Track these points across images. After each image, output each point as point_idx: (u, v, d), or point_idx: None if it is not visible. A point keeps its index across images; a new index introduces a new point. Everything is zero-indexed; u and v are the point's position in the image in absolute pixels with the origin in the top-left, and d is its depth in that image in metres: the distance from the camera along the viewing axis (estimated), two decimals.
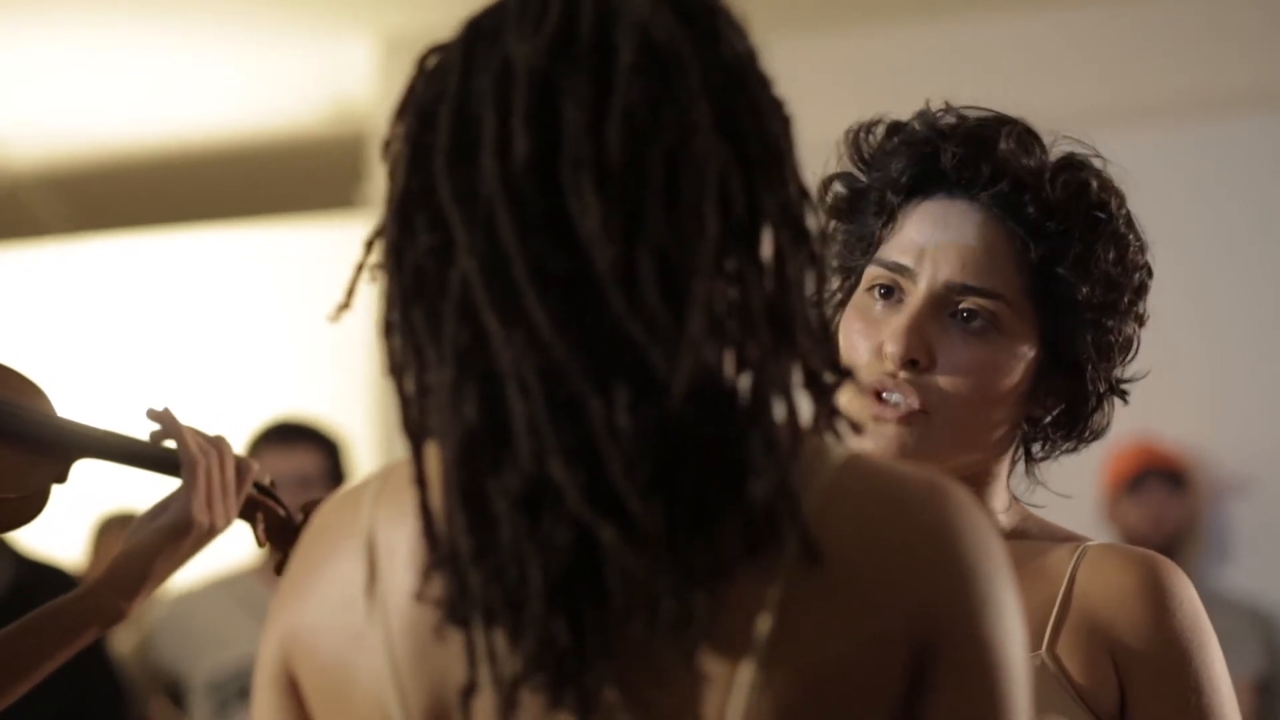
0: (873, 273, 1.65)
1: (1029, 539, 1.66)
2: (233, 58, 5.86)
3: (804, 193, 1.13)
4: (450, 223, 1.09)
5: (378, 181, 5.69)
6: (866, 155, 1.70)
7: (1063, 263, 1.62)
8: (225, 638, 4.04)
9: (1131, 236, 1.66)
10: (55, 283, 6.72)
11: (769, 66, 1.14)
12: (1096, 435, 1.69)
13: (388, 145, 1.14)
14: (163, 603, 4.32)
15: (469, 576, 1.08)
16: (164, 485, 1.90)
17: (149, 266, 6.70)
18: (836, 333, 1.64)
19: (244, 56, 5.85)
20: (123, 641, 4.41)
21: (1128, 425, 4.68)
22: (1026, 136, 1.65)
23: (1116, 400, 1.69)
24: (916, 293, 1.62)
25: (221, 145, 6.58)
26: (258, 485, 1.96)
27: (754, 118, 1.11)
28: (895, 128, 1.69)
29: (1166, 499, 4.69)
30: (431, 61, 1.14)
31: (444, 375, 1.09)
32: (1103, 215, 1.64)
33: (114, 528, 4.68)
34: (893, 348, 1.60)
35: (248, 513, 1.94)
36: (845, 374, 1.13)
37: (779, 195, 1.12)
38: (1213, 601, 1.76)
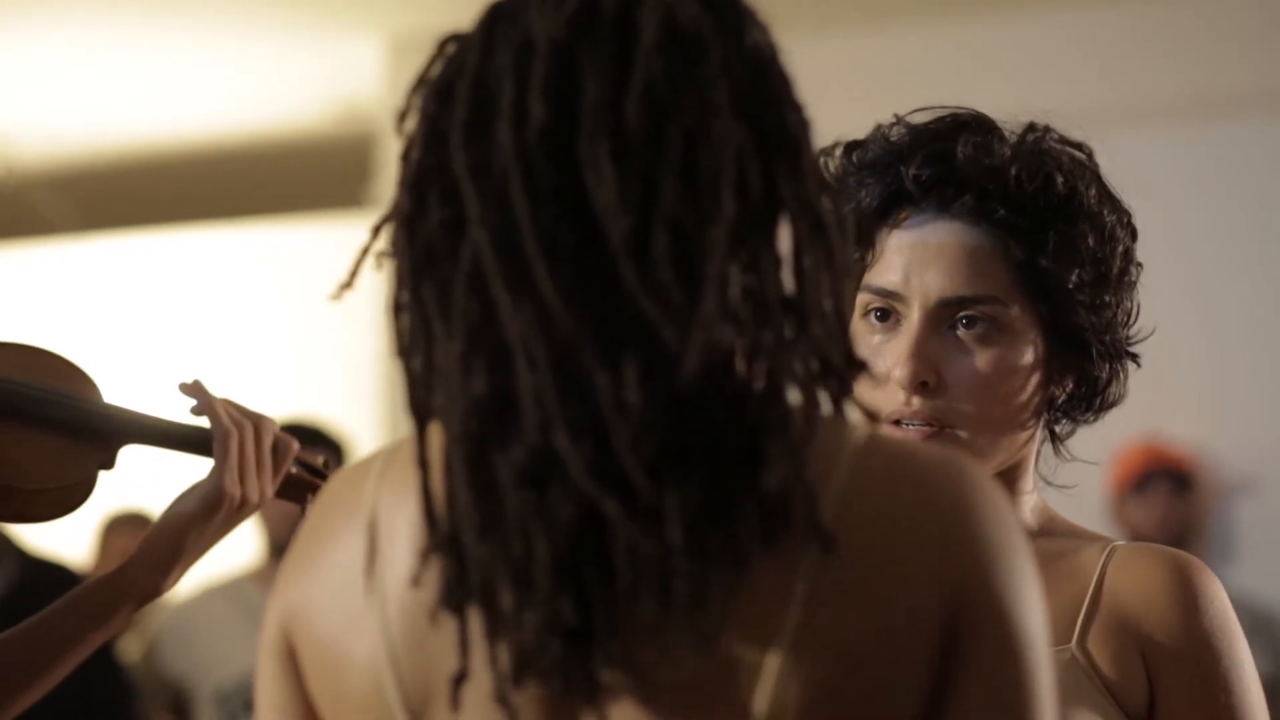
0: (863, 299, 1.65)
1: (1056, 537, 1.66)
2: (239, 57, 5.87)
3: (823, 185, 1.13)
4: (463, 196, 1.09)
5: (385, 181, 5.71)
6: (830, 181, 1.69)
7: (1044, 255, 1.62)
8: (228, 649, 4.03)
9: (1106, 211, 1.65)
10: (62, 282, 6.73)
11: (790, 66, 1.14)
12: (1114, 403, 1.68)
13: (402, 120, 1.14)
14: (162, 613, 4.32)
15: (471, 554, 1.08)
16: (183, 477, 1.89)
17: (155, 266, 6.71)
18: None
19: (251, 56, 5.85)
20: (129, 652, 4.41)
21: (1133, 426, 4.69)
22: (983, 136, 1.64)
23: (1122, 399, 1.68)
24: (911, 315, 1.62)
25: (228, 145, 6.59)
26: (308, 466, 1.94)
27: (774, 108, 1.12)
28: (852, 148, 1.69)
29: (1172, 499, 4.69)
30: (450, 47, 1.14)
31: (453, 349, 1.09)
32: (1073, 201, 1.63)
33: (120, 526, 4.68)
34: (900, 372, 1.60)
35: (296, 494, 1.92)
36: (860, 365, 1.12)
37: (797, 186, 1.12)
38: None
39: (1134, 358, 1.68)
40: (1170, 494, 4.68)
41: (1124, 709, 1.58)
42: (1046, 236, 1.62)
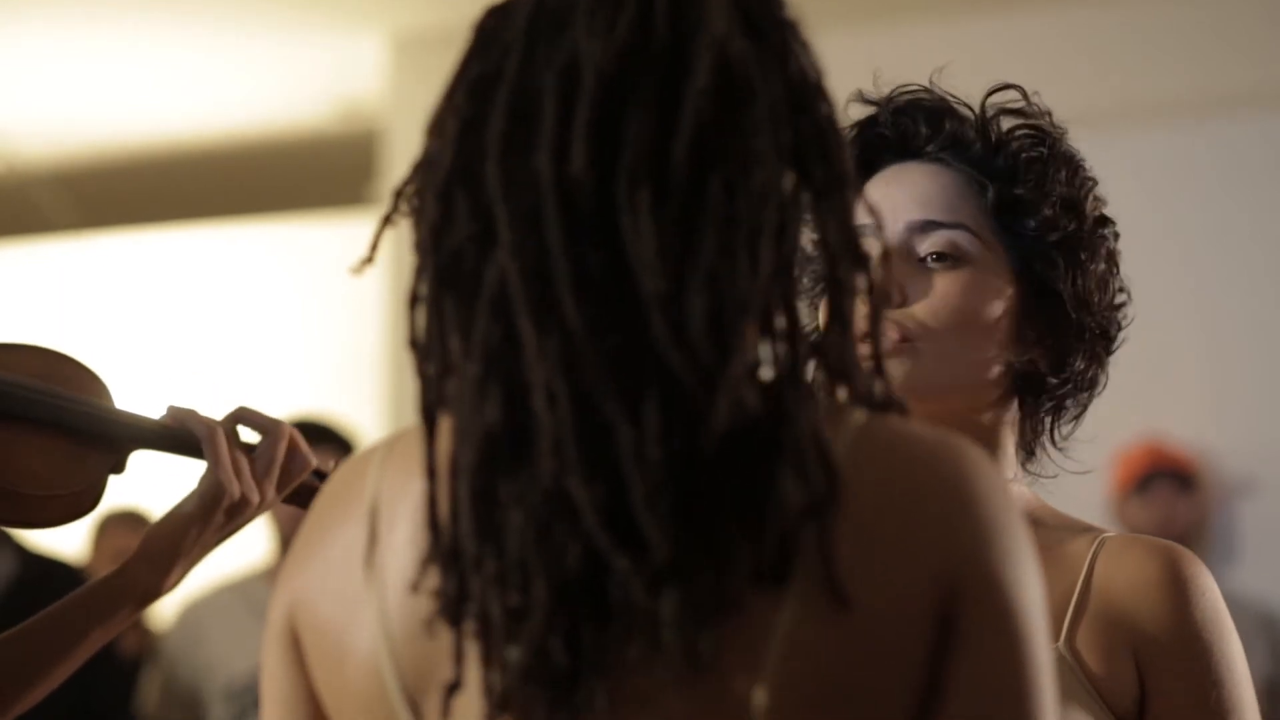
0: None
1: (1044, 526, 1.64)
2: (242, 55, 5.87)
3: (860, 216, 1.13)
4: (494, 214, 1.07)
5: (387, 179, 5.70)
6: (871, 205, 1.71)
7: (1020, 185, 1.63)
8: (238, 646, 4.03)
9: (1079, 161, 1.67)
10: (63, 280, 6.73)
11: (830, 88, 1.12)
12: (1091, 387, 1.67)
13: (439, 120, 1.11)
14: (174, 612, 4.32)
15: (470, 580, 1.07)
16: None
17: (157, 264, 6.71)
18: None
19: (253, 53, 5.85)
20: (141, 653, 4.41)
21: (1132, 426, 4.69)
22: (951, 98, 1.68)
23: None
24: (879, 244, 1.62)
25: (230, 142, 6.59)
26: (319, 473, 1.93)
27: (819, 145, 1.10)
28: None
29: (1174, 499, 4.68)
30: (491, 24, 1.12)
31: (470, 370, 1.08)
32: (1044, 139, 1.66)
33: (115, 523, 4.68)
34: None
35: (307, 500, 1.90)
36: (898, 404, 1.11)
37: (842, 224, 1.10)
38: None
39: (1111, 340, 1.67)
40: (1172, 494, 4.68)
41: (1113, 709, 1.57)
42: (1019, 166, 1.64)
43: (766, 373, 1.08)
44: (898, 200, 1.64)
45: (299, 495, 1.89)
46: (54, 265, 6.80)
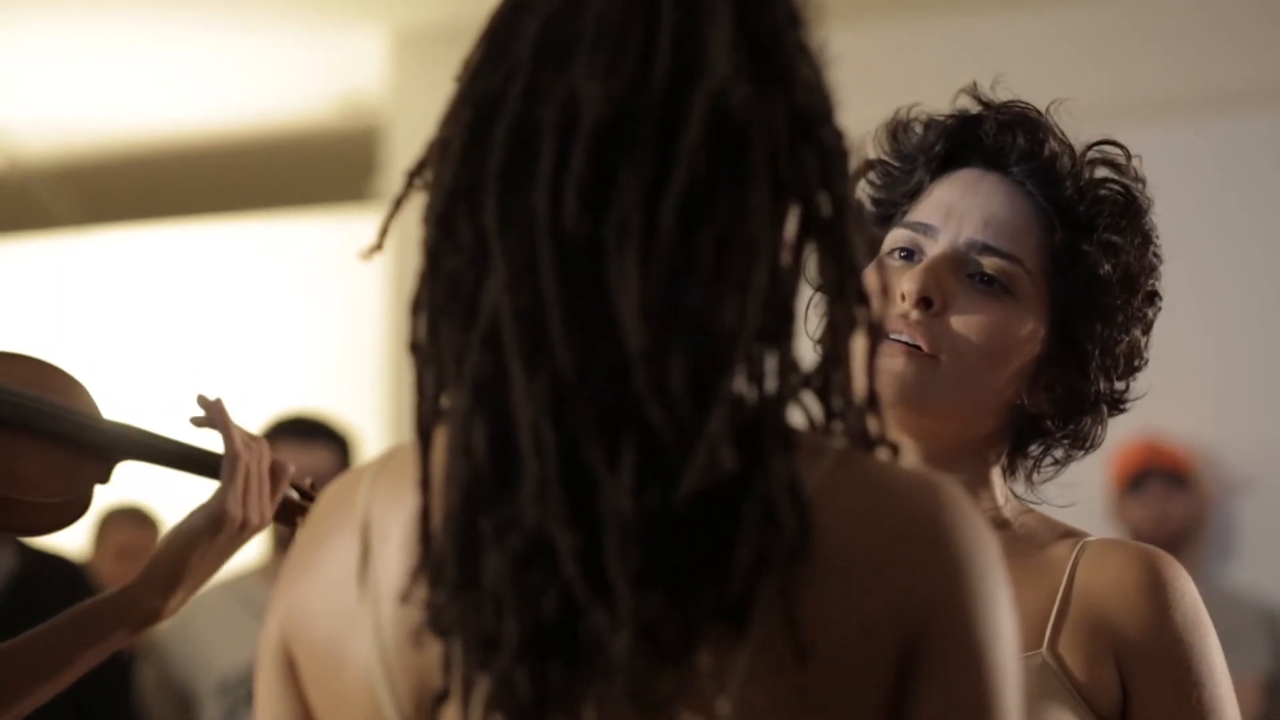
0: (895, 235, 1.65)
1: (1027, 533, 1.66)
2: (244, 50, 5.87)
3: (866, 251, 1.12)
4: (490, 246, 1.07)
5: (389, 175, 5.70)
6: (904, 148, 1.71)
7: (1088, 240, 1.63)
8: (231, 641, 4.03)
9: (1154, 238, 1.67)
10: (65, 276, 6.74)
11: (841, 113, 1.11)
12: (1088, 444, 1.68)
13: (445, 134, 1.10)
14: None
15: (452, 605, 1.07)
16: (194, 486, 1.89)
17: (158, 260, 6.71)
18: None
19: (255, 49, 5.86)
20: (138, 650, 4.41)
21: (1131, 424, 4.68)
22: (1057, 130, 1.67)
23: (1094, 447, 1.69)
24: (937, 246, 1.63)
25: (232, 138, 6.59)
26: (299, 489, 1.94)
27: (822, 174, 1.08)
28: (896, 130, 1.71)
29: (1170, 497, 4.68)
30: (503, 27, 1.10)
31: (459, 399, 1.07)
32: (1131, 206, 1.65)
33: (118, 519, 4.68)
34: (909, 286, 1.60)
35: (288, 516, 1.92)
36: (888, 445, 1.10)
37: (839, 255, 1.09)
38: (1218, 600, 1.76)
39: (1120, 407, 1.68)
40: (1168, 492, 4.68)
41: (1097, 713, 1.58)
42: (1095, 226, 1.63)
43: (750, 399, 1.07)
44: (969, 210, 1.64)
45: (281, 512, 1.90)
46: (56, 261, 6.80)
